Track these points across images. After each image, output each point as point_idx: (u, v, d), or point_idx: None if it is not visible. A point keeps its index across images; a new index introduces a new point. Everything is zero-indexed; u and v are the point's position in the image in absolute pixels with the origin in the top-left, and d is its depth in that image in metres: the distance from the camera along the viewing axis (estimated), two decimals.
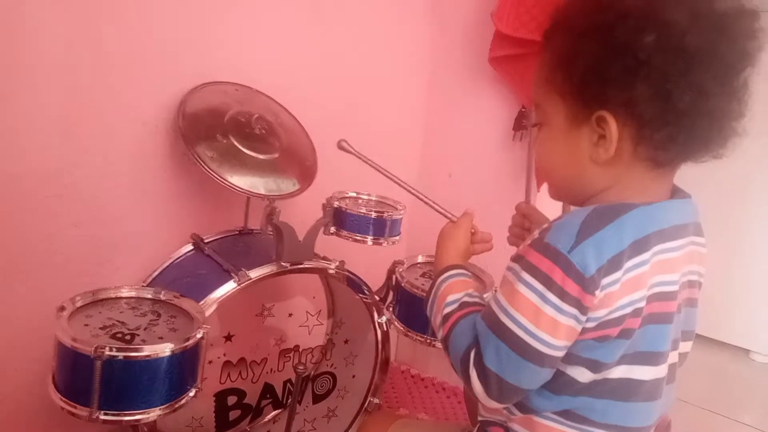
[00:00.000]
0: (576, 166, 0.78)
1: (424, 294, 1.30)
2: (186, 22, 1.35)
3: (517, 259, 0.75)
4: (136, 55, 1.28)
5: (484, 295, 0.88)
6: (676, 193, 0.81)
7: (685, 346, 0.83)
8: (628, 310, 0.71)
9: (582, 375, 0.75)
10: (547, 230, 0.73)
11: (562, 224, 0.72)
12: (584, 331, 0.72)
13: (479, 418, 0.88)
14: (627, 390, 0.76)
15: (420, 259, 1.51)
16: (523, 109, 1.72)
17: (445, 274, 0.91)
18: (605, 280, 0.69)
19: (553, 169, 0.82)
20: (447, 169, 1.96)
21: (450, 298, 0.85)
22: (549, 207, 1.80)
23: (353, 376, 1.56)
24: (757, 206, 2.25)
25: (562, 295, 0.69)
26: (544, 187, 1.69)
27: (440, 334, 0.84)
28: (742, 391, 2.16)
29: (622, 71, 0.70)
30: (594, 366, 0.74)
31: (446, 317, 0.83)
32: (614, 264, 0.70)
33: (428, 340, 1.35)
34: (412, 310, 1.38)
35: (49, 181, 1.21)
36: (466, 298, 0.85)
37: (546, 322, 0.70)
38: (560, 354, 0.73)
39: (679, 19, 0.68)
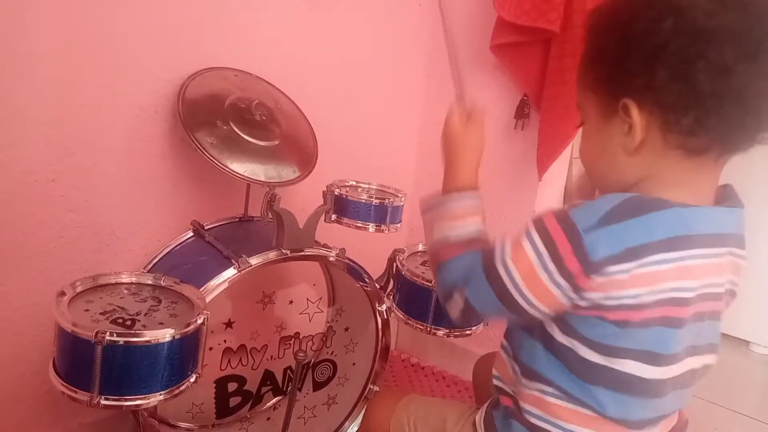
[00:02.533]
0: (610, 159, 0.78)
1: (425, 282, 1.32)
2: (186, 8, 1.34)
3: (536, 218, 0.75)
4: (134, 39, 1.27)
5: None
6: (726, 200, 0.80)
7: (711, 359, 0.82)
8: (631, 301, 0.71)
9: (580, 349, 0.76)
10: (575, 205, 0.73)
11: (592, 204, 0.72)
12: (576, 308, 0.73)
13: (494, 382, 0.90)
14: (629, 384, 0.76)
15: (421, 247, 1.52)
16: (525, 98, 1.71)
17: (455, 194, 0.91)
18: (612, 268, 0.69)
19: (592, 164, 0.84)
20: None
21: (455, 222, 0.88)
22: (550, 196, 1.80)
23: (353, 364, 1.57)
24: (759, 198, 2.24)
25: (561, 267, 0.70)
26: (546, 176, 1.69)
27: (434, 252, 0.88)
28: (742, 383, 2.16)
29: (642, 58, 0.71)
30: (597, 347, 0.75)
31: (448, 244, 0.86)
32: (631, 254, 0.69)
33: (428, 329, 1.35)
34: (413, 298, 1.38)
35: (42, 165, 1.20)
36: (471, 228, 0.87)
37: (536, 285, 0.73)
38: (537, 315, 0.75)
39: (699, 2, 0.68)
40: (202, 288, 1.12)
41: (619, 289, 0.70)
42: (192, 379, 0.99)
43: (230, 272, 1.17)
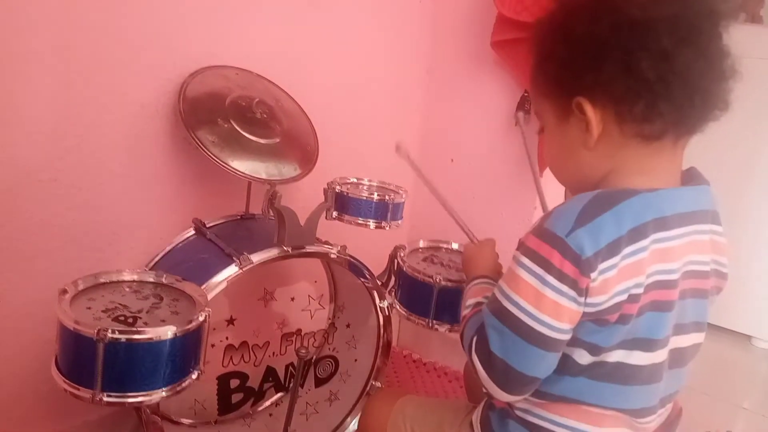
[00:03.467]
0: (573, 158, 0.80)
1: (427, 278, 1.32)
2: (186, 6, 1.34)
3: (518, 246, 0.77)
4: (135, 38, 1.27)
5: None
6: (691, 179, 0.81)
7: (697, 337, 0.83)
8: (624, 296, 0.72)
9: (582, 357, 0.76)
10: (546, 216, 0.75)
11: (562, 211, 0.74)
12: (584, 315, 0.73)
13: (483, 389, 0.89)
14: (623, 374, 0.77)
15: (422, 243, 1.52)
16: (526, 94, 1.71)
17: (470, 284, 0.97)
18: (602, 265, 0.70)
19: (558, 167, 0.86)
20: (449, 154, 1.96)
21: (468, 302, 0.90)
22: (554, 191, 1.80)
23: (355, 360, 1.57)
24: (760, 192, 2.24)
25: (561, 277, 0.71)
26: (547, 172, 1.69)
27: (460, 334, 0.88)
28: (744, 377, 2.17)
29: (587, 57, 0.74)
30: (593, 349, 0.76)
31: (462, 318, 0.88)
32: (612, 249, 0.71)
33: (430, 324, 1.36)
34: (414, 294, 1.38)
35: (42, 164, 1.21)
36: (482, 299, 0.88)
37: (547, 305, 0.72)
38: (563, 337, 0.74)
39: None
40: (204, 285, 1.12)
41: (611, 288, 0.71)
42: (194, 376, 1.00)
43: (232, 270, 1.17)
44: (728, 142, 1.98)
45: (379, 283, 1.43)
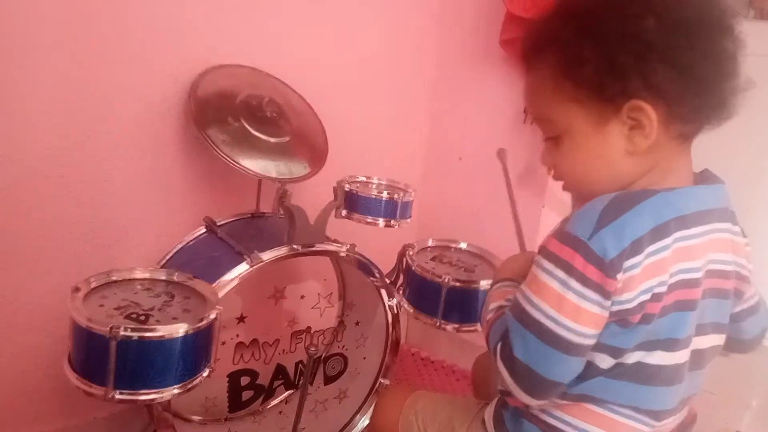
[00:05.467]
0: (611, 165, 0.78)
1: (435, 278, 1.32)
2: (196, 5, 1.35)
3: (540, 249, 0.76)
4: (145, 36, 1.28)
5: None
6: (705, 179, 0.81)
7: (717, 339, 0.83)
8: (648, 295, 0.72)
9: (604, 361, 0.76)
10: (567, 220, 0.74)
11: (582, 213, 0.73)
12: (609, 315, 0.72)
13: (499, 388, 0.89)
14: (645, 374, 0.76)
15: (430, 242, 1.52)
16: None
17: (494, 286, 0.94)
18: (627, 263, 0.70)
19: (587, 176, 0.81)
20: (457, 152, 1.96)
21: (492, 305, 0.87)
22: (558, 188, 1.79)
23: (364, 358, 1.58)
24: (764, 192, 2.23)
25: (584, 281, 0.70)
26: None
27: (484, 336, 0.86)
28: (752, 376, 2.15)
29: (636, 59, 0.72)
30: (615, 352, 0.75)
31: (487, 322, 0.85)
32: (635, 248, 0.70)
33: (438, 323, 1.36)
34: (422, 293, 1.38)
35: (49, 161, 1.21)
36: (504, 303, 0.86)
37: (569, 309, 0.71)
38: (588, 342, 0.73)
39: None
40: (215, 283, 1.13)
41: (636, 286, 0.71)
42: (205, 374, 1.00)
43: (242, 267, 1.17)
44: (740, 140, 1.97)
45: (388, 281, 1.43)
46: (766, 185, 2.28)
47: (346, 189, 1.34)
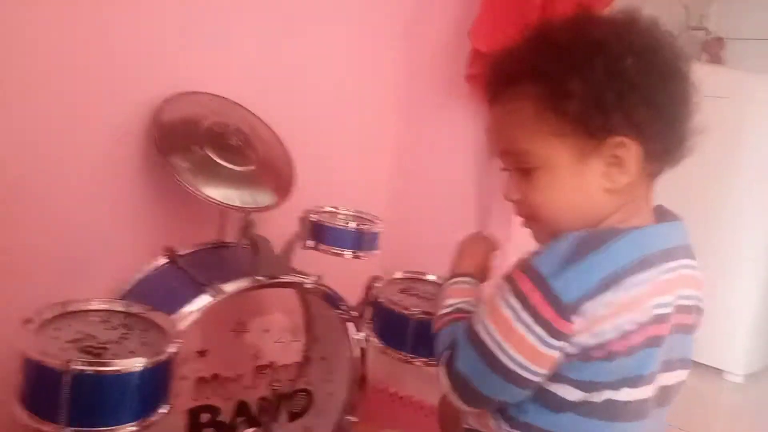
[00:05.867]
0: (587, 201, 0.78)
1: (403, 311, 1.30)
2: (162, 31, 1.34)
3: (504, 276, 0.77)
4: (109, 61, 1.26)
5: None
6: (664, 216, 0.83)
7: (682, 375, 0.83)
8: (614, 334, 0.71)
9: (569, 393, 0.75)
10: (536, 253, 0.75)
11: (551, 249, 0.73)
12: (568, 355, 0.72)
13: (465, 426, 0.87)
14: (613, 411, 0.75)
15: (398, 274, 1.50)
16: None
17: (452, 280, 0.96)
18: (589, 304, 0.70)
19: (559, 211, 0.79)
20: (424, 183, 1.96)
21: (448, 301, 0.90)
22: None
23: (330, 394, 1.54)
24: (729, 228, 2.28)
25: (536, 316, 0.71)
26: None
27: (433, 332, 0.89)
28: (716, 411, 2.17)
29: (618, 96, 0.73)
30: (580, 385, 0.75)
31: (439, 317, 0.89)
32: (601, 288, 0.70)
33: (406, 358, 1.33)
34: (390, 326, 1.36)
35: (7, 188, 1.18)
36: (462, 305, 0.89)
37: (515, 340, 0.72)
38: (529, 376, 0.73)
39: (647, 42, 0.75)
40: (175, 315, 1.10)
41: (602, 324, 0.71)
42: (164, 410, 0.96)
43: (204, 299, 1.15)
44: (694, 179, 2.02)
45: (355, 314, 1.41)
46: (725, 221, 2.34)
47: (313, 219, 1.32)
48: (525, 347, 0.71)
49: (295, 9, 1.60)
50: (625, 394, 0.75)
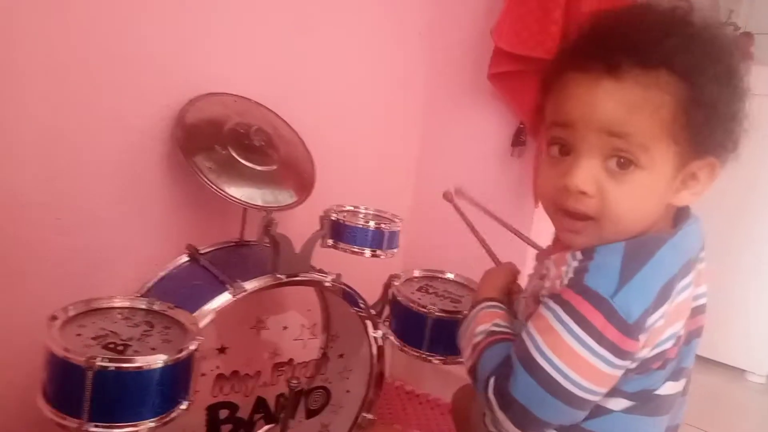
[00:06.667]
0: (652, 207, 0.75)
1: (421, 309, 1.31)
2: (184, 33, 1.35)
3: (554, 297, 0.73)
4: (133, 63, 1.27)
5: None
6: (686, 216, 0.80)
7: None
8: (669, 344, 0.72)
9: (618, 404, 0.75)
10: (584, 271, 0.71)
11: (601, 266, 0.71)
12: (627, 371, 0.72)
13: (490, 429, 0.86)
14: (653, 405, 0.76)
15: (417, 273, 1.51)
16: (522, 126, 1.72)
17: (477, 307, 0.91)
18: (651, 319, 0.69)
19: (637, 217, 0.74)
20: (445, 183, 1.95)
21: (479, 329, 0.85)
22: (546, 224, 1.80)
23: (347, 391, 1.55)
24: (753, 225, 2.25)
25: (601, 340, 0.68)
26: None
27: (468, 365, 0.84)
28: (738, 412, 2.15)
29: (740, 116, 0.72)
30: (631, 396, 0.75)
31: (474, 347, 0.83)
32: (661, 300, 0.69)
33: (423, 356, 1.34)
34: (408, 324, 1.37)
35: (32, 187, 1.19)
36: (493, 328, 0.84)
37: (581, 366, 0.69)
38: (593, 398, 0.71)
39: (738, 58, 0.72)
40: (196, 313, 1.11)
41: (661, 334, 0.71)
42: (183, 406, 0.97)
43: (225, 297, 1.15)
44: (724, 179, 1.99)
45: (373, 312, 1.42)
46: (753, 221, 2.30)
47: (333, 218, 1.33)
48: (590, 372, 0.69)
49: (317, 9, 1.61)
50: (666, 388, 0.76)
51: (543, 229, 1.72)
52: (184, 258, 1.35)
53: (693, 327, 0.75)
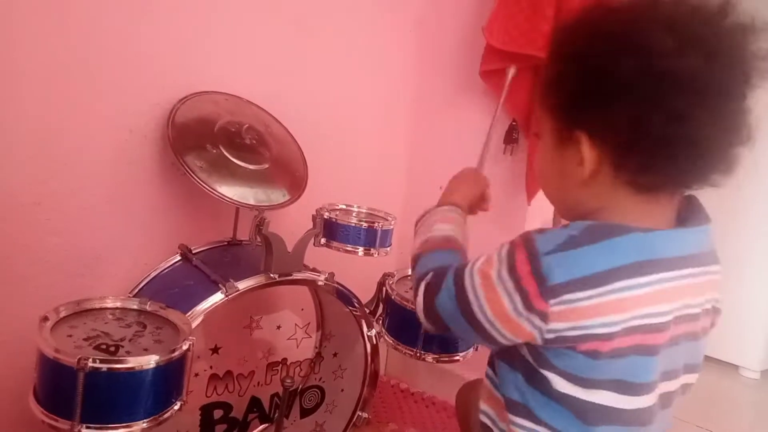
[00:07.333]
0: (564, 184, 0.79)
1: (415, 307, 1.30)
2: (176, 31, 1.34)
3: (511, 240, 0.76)
4: (124, 62, 1.27)
5: None
6: (687, 220, 0.78)
7: (690, 378, 0.82)
8: (598, 331, 0.70)
9: (558, 384, 0.74)
10: (543, 230, 0.74)
11: (556, 231, 0.72)
12: (546, 341, 0.71)
13: (481, 418, 0.87)
14: (612, 417, 0.75)
15: (410, 271, 1.50)
16: (514, 123, 1.72)
17: (446, 206, 0.99)
18: (572, 296, 0.68)
19: (546, 181, 0.85)
20: (437, 181, 1.95)
21: (438, 225, 0.94)
22: (539, 221, 1.80)
23: (342, 390, 1.55)
24: (747, 223, 2.26)
25: (517, 284, 0.71)
26: (535, 201, 1.69)
27: (414, 252, 0.93)
28: (733, 407, 2.16)
29: (601, 94, 0.71)
30: (570, 377, 0.73)
31: (427, 240, 0.92)
32: (592, 281, 0.68)
33: (418, 354, 1.34)
34: (402, 323, 1.37)
35: (25, 187, 1.19)
36: (452, 233, 0.92)
37: (491, 296, 0.73)
38: (493, 332, 0.75)
39: (665, 42, 0.66)
40: (189, 313, 1.10)
41: (584, 318, 0.69)
42: (176, 407, 0.97)
43: (217, 297, 1.15)
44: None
45: (367, 311, 1.41)
46: (744, 217, 2.31)
47: (326, 217, 1.33)
48: (497, 306, 0.73)
49: (308, 7, 1.60)
50: (623, 402, 0.74)
51: (535, 227, 1.72)
52: (177, 257, 1.34)
53: (642, 343, 0.72)
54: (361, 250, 1.34)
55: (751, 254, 2.26)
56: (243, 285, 1.18)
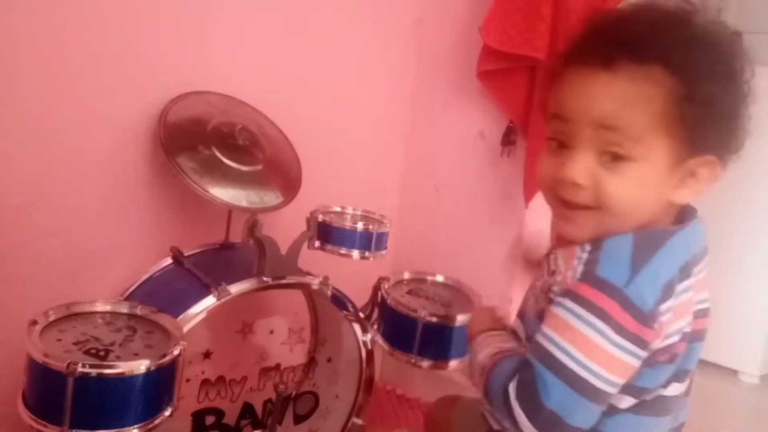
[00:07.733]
0: (656, 206, 0.75)
1: (411, 313, 1.29)
2: (169, 31, 1.33)
3: (567, 294, 0.72)
4: (116, 62, 1.26)
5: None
6: (692, 214, 0.80)
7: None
8: (677, 338, 0.72)
9: (622, 402, 0.74)
10: (594, 263, 0.71)
11: (611, 256, 0.71)
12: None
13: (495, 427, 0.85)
14: (660, 406, 0.76)
15: (406, 275, 1.49)
16: (511, 124, 1.70)
17: (477, 337, 0.88)
18: (662, 309, 0.69)
19: (635, 209, 0.74)
20: (433, 183, 1.95)
21: (484, 351, 0.83)
22: (536, 223, 1.79)
23: (336, 396, 1.53)
24: (747, 226, 2.25)
25: (620, 330, 0.68)
26: (532, 204, 1.68)
27: (482, 390, 0.80)
28: (731, 412, 2.15)
29: (741, 116, 0.72)
30: (638, 392, 0.74)
31: (482, 370, 0.80)
32: (668, 291, 0.70)
33: (413, 360, 1.32)
34: (398, 328, 1.35)
35: (19, 188, 1.18)
36: (496, 349, 0.82)
37: (603, 357, 0.68)
38: (613, 390, 0.71)
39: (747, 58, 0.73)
40: (180, 317, 1.09)
41: (668, 329, 0.71)
42: (167, 413, 0.96)
43: (209, 301, 1.14)
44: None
45: (362, 315, 1.40)
46: (742, 221, 2.31)
47: (320, 219, 1.31)
48: (613, 363, 0.69)
49: (304, 6, 1.59)
50: (672, 389, 0.76)
51: (534, 229, 1.71)
52: (168, 260, 1.32)
53: (695, 329, 0.75)
54: (356, 253, 1.32)
55: (750, 258, 2.25)
56: (235, 289, 1.16)
